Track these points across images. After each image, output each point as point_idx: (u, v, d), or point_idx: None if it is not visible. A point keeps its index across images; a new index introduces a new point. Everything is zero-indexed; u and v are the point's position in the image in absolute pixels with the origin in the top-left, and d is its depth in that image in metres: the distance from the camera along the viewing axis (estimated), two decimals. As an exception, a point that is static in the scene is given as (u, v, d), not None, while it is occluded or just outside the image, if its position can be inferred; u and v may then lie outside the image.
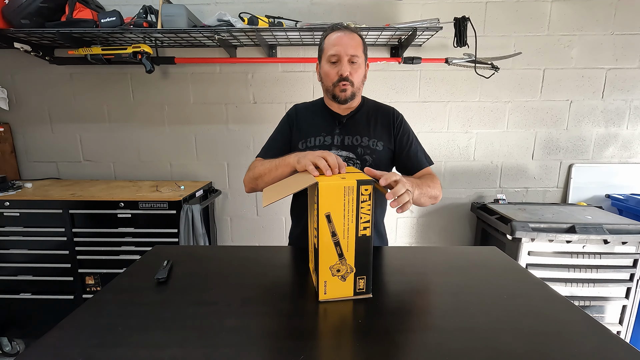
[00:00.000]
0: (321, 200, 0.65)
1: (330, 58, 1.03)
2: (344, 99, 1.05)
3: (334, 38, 1.03)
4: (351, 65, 1.03)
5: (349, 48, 1.01)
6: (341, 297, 0.70)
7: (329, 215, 0.66)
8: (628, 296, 1.64)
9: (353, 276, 0.70)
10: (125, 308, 0.68)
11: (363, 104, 1.15)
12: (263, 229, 2.20)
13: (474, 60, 1.81)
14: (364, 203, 0.66)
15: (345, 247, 0.68)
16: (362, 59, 1.05)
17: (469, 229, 2.18)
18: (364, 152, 1.06)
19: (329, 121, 1.11)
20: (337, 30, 1.04)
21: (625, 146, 2.05)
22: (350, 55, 1.02)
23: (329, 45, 1.04)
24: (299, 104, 1.20)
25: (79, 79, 2.02)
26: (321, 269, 0.68)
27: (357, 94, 1.09)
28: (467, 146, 2.07)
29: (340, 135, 1.09)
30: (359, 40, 1.05)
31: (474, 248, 1.07)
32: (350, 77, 1.03)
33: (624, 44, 1.92)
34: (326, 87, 1.08)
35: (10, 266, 1.72)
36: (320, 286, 0.69)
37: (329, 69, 1.04)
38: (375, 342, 0.57)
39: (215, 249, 1.22)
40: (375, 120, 1.12)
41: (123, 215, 1.67)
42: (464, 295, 0.73)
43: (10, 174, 2.05)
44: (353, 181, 0.65)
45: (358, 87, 1.07)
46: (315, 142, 1.09)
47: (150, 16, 1.70)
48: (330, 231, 0.67)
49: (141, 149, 2.11)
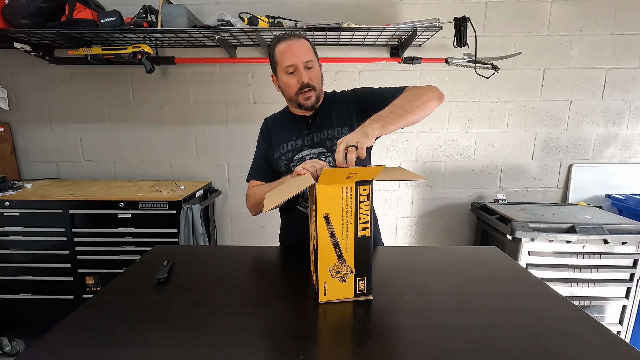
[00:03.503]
0: (319, 201, 0.65)
1: (287, 69, 1.02)
2: (310, 105, 1.06)
3: (284, 48, 1.02)
4: (308, 71, 1.03)
5: (302, 55, 1.01)
6: (341, 298, 0.70)
7: (327, 216, 0.65)
8: (628, 296, 1.64)
9: (353, 277, 0.69)
10: (125, 308, 0.68)
11: (323, 100, 1.14)
12: (263, 229, 2.19)
13: (474, 60, 1.81)
14: (362, 203, 0.66)
15: (344, 248, 0.67)
16: (316, 60, 1.06)
17: (469, 229, 2.18)
18: (332, 144, 1.06)
19: (297, 125, 1.12)
20: (285, 39, 1.03)
21: (625, 146, 2.05)
22: (304, 61, 1.02)
23: (281, 56, 1.03)
24: (268, 117, 1.22)
25: (79, 79, 2.02)
26: (320, 271, 0.68)
27: (321, 97, 1.10)
28: (467, 146, 2.07)
29: (309, 135, 1.09)
30: (308, 44, 1.05)
31: (474, 248, 1.07)
32: (311, 82, 1.03)
33: (624, 44, 1.92)
34: (289, 97, 1.09)
35: (10, 266, 1.72)
36: (320, 288, 0.69)
37: (288, 80, 1.04)
38: (376, 342, 0.57)
39: (215, 249, 1.22)
40: (337, 109, 1.11)
41: (123, 215, 1.67)
42: (464, 295, 0.73)
43: (10, 174, 2.05)
44: (351, 182, 0.65)
45: (320, 89, 1.08)
46: (288, 147, 1.10)
47: (150, 16, 1.70)
48: (329, 232, 0.66)
49: (141, 149, 2.11)
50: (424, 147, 2.07)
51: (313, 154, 1.07)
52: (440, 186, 2.12)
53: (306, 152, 1.08)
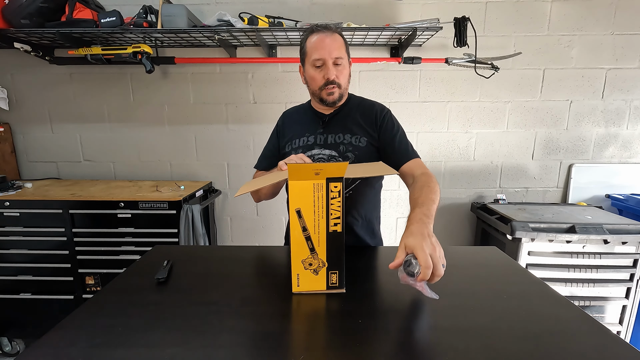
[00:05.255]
0: (291, 196, 0.68)
1: (315, 62, 1.01)
2: (332, 101, 1.05)
3: (315, 40, 1.00)
4: (336, 68, 1.01)
5: (332, 50, 0.99)
6: (314, 290, 0.73)
7: (299, 210, 0.69)
8: (628, 296, 1.64)
9: (325, 270, 0.72)
10: (125, 308, 0.68)
11: (347, 102, 1.13)
12: (263, 229, 2.19)
13: (474, 60, 1.81)
14: (333, 200, 0.69)
15: (316, 242, 0.71)
16: (346, 59, 1.04)
17: (469, 229, 2.18)
18: (346, 150, 1.05)
19: (313, 121, 1.11)
20: (318, 32, 1.01)
21: (625, 146, 2.05)
22: (334, 57, 1.00)
23: (311, 48, 1.01)
24: (287, 110, 1.22)
25: (79, 79, 2.02)
26: (293, 262, 0.72)
27: (344, 95, 1.09)
28: (467, 146, 2.07)
29: (323, 134, 1.08)
30: (341, 40, 1.03)
31: (474, 248, 1.07)
32: (337, 79, 1.02)
33: (624, 44, 1.92)
34: (312, 91, 1.08)
35: (10, 266, 1.72)
36: (293, 278, 0.72)
37: (315, 73, 1.03)
38: (376, 342, 0.57)
39: (215, 249, 1.22)
40: (359, 116, 1.10)
41: (123, 215, 1.67)
42: (464, 295, 0.73)
43: (10, 174, 2.05)
44: (322, 178, 0.67)
45: (345, 87, 1.06)
46: (299, 143, 1.09)
47: (150, 16, 1.70)
48: (301, 226, 0.70)
49: (141, 149, 2.11)
50: (424, 147, 2.07)
51: (323, 155, 1.05)
52: (440, 186, 2.10)
53: (316, 152, 1.06)
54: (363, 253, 0.98)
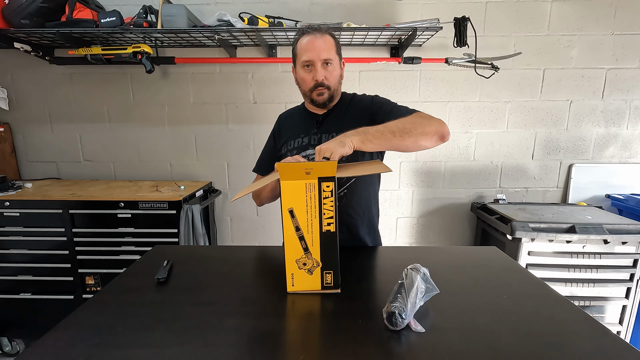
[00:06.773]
0: (283, 196, 0.69)
1: (304, 64, 1.02)
2: (322, 102, 1.06)
3: (305, 42, 1.01)
4: (325, 69, 1.02)
5: (321, 52, 0.99)
6: (309, 289, 0.73)
7: (292, 210, 0.69)
8: (628, 296, 1.64)
9: (320, 270, 0.72)
10: (125, 308, 0.68)
11: (340, 101, 1.13)
12: (263, 229, 2.20)
13: (474, 60, 1.81)
14: (326, 200, 0.69)
15: (310, 242, 0.71)
16: (337, 59, 1.04)
17: (469, 229, 2.18)
18: None
19: (307, 122, 1.12)
20: (308, 34, 1.02)
21: (625, 146, 2.05)
22: (323, 59, 1.00)
23: (301, 50, 1.02)
24: (283, 113, 1.23)
25: (79, 79, 2.02)
26: (287, 262, 0.71)
27: (335, 96, 1.09)
28: (467, 146, 2.07)
29: (317, 134, 1.08)
30: (331, 41, 1.03)
31: (474, 248, 1.07)
32: (325, 81, 1.02)
33: (624, 44, 1.92)
34: (303, 92, 1.09)
35: (10, 266, 1.72)
36: (288, 278, 0.72)
37: (304, 75, 1.04)
38: (376, 342, 0.57)
39: (215, 249, 1.22)
40: (351, 113, 1.10)
41: (123, 215, 1.67)
42: (464, 295, 0.73)
43: (10, 174, 2.05)
44: (314, 178, 0.67)
45: (335, 88, 1.06)
46: (294, 144, 1.10)
47: (150, 16, 1.70)
48: (294, 226, 0.70)
49: (141, 149, 2.11)
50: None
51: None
52: (440, 186, 2.12)
53: (310, 152, 1.07)
54: (360, 253, 0.98)
